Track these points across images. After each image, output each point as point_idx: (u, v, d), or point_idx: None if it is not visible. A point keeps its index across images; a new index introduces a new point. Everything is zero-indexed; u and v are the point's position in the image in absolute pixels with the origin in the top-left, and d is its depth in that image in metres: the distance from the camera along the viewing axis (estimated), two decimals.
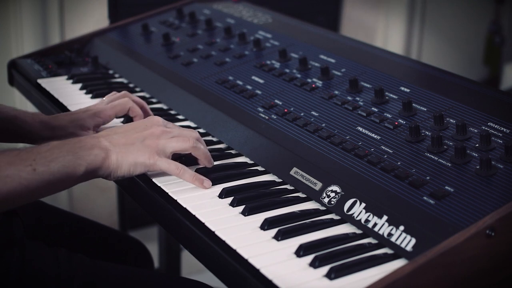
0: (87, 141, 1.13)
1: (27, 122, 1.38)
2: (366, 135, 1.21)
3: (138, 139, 1.16)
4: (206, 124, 1.40)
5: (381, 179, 1.09)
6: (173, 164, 1.16)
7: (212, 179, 1.17)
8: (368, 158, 1.14)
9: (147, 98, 1.57)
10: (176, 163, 1.17)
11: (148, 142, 1.16)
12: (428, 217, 1.00)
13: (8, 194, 1.02)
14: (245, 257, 0.97)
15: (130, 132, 1.18)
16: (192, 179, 1.16)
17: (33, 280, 1.15)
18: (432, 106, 1.26)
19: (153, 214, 1.19)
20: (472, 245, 0.92)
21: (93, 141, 1.13)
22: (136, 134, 1.17)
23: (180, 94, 1.51)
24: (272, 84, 1.45)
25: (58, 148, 1.09)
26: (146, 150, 1.15)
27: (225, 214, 1.09)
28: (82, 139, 1.14)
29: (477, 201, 1.00)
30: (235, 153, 1.30)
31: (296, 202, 1.13)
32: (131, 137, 1.16)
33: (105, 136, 1.16)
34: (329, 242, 1.01)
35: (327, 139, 1.22)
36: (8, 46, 2.47)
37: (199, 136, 1.22)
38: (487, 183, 1.04)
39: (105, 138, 1.15)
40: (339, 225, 1.07)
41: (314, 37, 1.67)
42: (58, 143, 1.10)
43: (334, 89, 1.38)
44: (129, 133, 1.17)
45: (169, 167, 1.16)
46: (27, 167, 1.04)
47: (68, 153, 1.09)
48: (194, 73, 1.57)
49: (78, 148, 1.10)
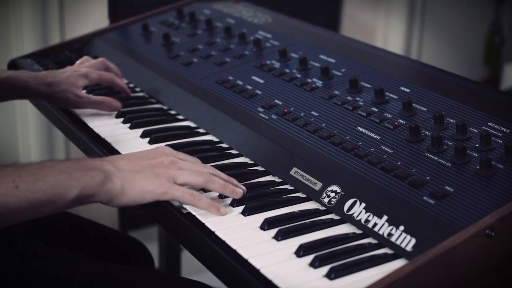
0: (86, 163, 1.05)
1: (21, 79, 1.41)
2: (366, 135, 1.21)
3: (147, 167, 1.08)
4: (206, 124, 1.40)
5: (381, 179, 1.09)
6: (186, 192, 1.09)
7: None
8: (368, 158, 1.14)
9: (147, 98, 1.57)
10: (190, 191, 1.09)
11: (158, 170, 1.08)
12: (428, 217, 1.00)
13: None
14: (245, 257, 0.97)
15: (137, 159, 1.11)
16: (207, 206, 1.08)
17: (33, 280, 1.15)
18: (432, 106, 1.26)
19: (153, 214, 1.19)
20: (472, 245, 0.92)
21: (93, 163, 1.06)
22: (144, 162, 1.10)
23: (180, 94, 1.51)
24: (272, 84, 1.45)
25: (50, 167, 1.01)
26: (156, 179, 1.07)
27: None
28: (82, 159, 1.07)
29: (477, 201, 1.00)
30: (235, 153, 1.30)
31: (296, 202, 1.13)
32: (139, 164, 1.09)
33: (110, 161, 1.08)
34: (329, 242, 1.01)
35: (327, 139, 1.22)
36: (8, 46, 2.47)
37: (214, 169, 1.15)
38: (487, 183, 1.04)
39: (110, 163, 1.07)
40: (339, 225, 1.07)
41: (314, 37, 1.67)
42: (52, 162, 1.03)
43: (334, 89, 1.38)
44: (137, 160, 1.10)
45: (183, 196, 1.08)
46: (9, 183, 0.96)
47: (61, 172, 1.00)
48: (194, 73, 1.57)
49: (74, 168, 1.02)
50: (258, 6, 1.95)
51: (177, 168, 1.10)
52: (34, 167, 1.00)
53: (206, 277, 1.28)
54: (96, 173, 1.03)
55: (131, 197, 1.06)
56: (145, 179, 1.07)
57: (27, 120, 2.50)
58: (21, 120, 2.51)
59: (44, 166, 1.01)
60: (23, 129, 2.51)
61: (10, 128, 2.52)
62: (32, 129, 2.51)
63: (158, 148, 1.16)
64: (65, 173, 1.01)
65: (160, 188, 1.07)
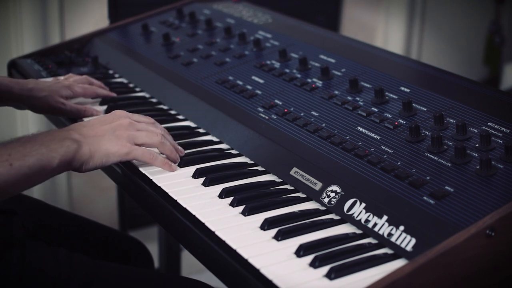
0: (57, 134, 1.15)
1: (3, 83, 1.44)
2: (366, 135, 1.21)
3: (108, 131, 1.18)
4: (206, 124, 1.40)
5: (381, 179, 1.09)
6: (146, 151, 1.20)
7: (212, 179, 1.18)
8: (368, 158, 1.14)
9: (147, 98, 1.57)
10: (149, 150, 1.20)
11: (118, 132, 1.19)
12: (428, 217, 1.00)
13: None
14: (245, 257, 0.97)
15: (98, 124, 1.20)
16: (162, 164, 1.20)
17: (33, 280, 1.15)
18: (432, 106, 1.26)
19: (153, 214, 1.19)
20: (472, 245, 0.92)
21: (63, 134, 1.15)
22: (105, 126, 1.20)
23: (180, 94, 1.51)
24: (272, 84, 1.45)
25: (30, 142, 1.10)
26: (118, 141, 1.18)
27: (225, 214, 1.09)
28: (52, 132, 1.15)
29: (477, 201, 1.00)
30: (235, 153, 1.30)
31: (296, 202, 1.13)
32: (101, 129, 1.19)
33: (74, 129, 1.18)
34: (329, 242, 1.01)
35: (327, 139, 1.22)
36: (8, 46, 2.47)
37: (165, 130, 1.26)
38: (487, 183, 1.04)
39: (75, 131, 1.17)
40: (339, 225, 1.06)
41: (314, 37, 1.67)
42: (29, 137, 1.12)
43: (334, 89, 1.38)
44: (97, 125, 1.20)
45: (143, 155, 1.19)
46: (3, 162, 1.05)
47: (41, 146, 1.10)
48: (194, 73, 1.57)
49: (50, 141, 1.12)
50: (258, 6, 1.95)
51: (135, 130, 1.21)
52: (17, 144, 1.09)
53: (206, 277, 1.28)
54: (69, 143, 1.13)
55: (97, 161, 1.16)
56: (108, 142, 1.17)
57: (27, 120, 2.50)
58: (21, 120, 2.51)
59: (25, 141, 1.10)
60: (23, 129, 2.51)
61: (10, 128, 2.52)
62: (32, 129, 2.51)
63: (115, 112, 1.26)
64: (44, 146, 1.10)
65: (122, 149, 1.17)
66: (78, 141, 1.14)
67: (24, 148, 1.08)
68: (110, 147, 1.17)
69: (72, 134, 1.15)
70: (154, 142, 1.21)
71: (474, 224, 0.94)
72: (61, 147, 1.12)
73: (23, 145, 1.09)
